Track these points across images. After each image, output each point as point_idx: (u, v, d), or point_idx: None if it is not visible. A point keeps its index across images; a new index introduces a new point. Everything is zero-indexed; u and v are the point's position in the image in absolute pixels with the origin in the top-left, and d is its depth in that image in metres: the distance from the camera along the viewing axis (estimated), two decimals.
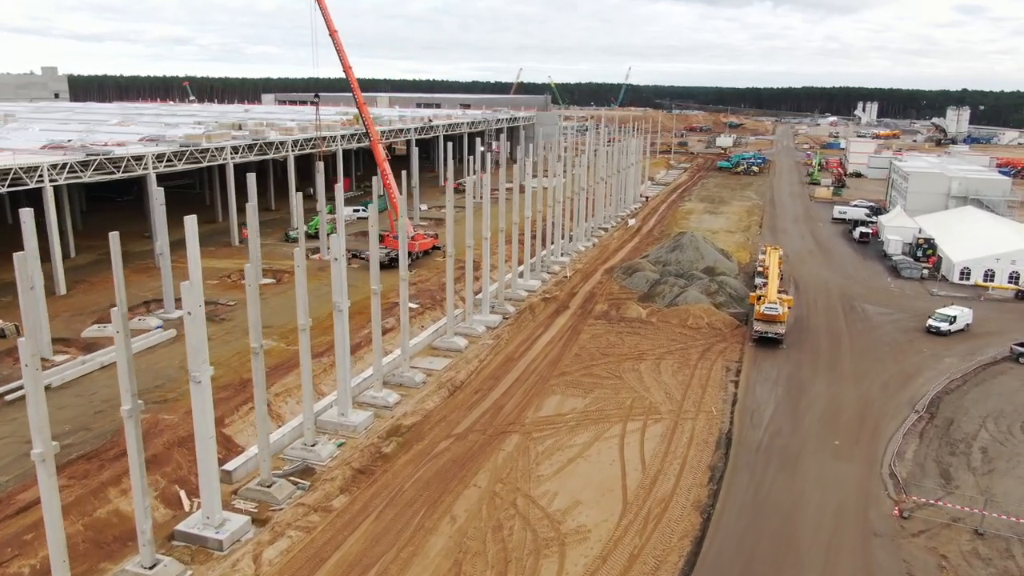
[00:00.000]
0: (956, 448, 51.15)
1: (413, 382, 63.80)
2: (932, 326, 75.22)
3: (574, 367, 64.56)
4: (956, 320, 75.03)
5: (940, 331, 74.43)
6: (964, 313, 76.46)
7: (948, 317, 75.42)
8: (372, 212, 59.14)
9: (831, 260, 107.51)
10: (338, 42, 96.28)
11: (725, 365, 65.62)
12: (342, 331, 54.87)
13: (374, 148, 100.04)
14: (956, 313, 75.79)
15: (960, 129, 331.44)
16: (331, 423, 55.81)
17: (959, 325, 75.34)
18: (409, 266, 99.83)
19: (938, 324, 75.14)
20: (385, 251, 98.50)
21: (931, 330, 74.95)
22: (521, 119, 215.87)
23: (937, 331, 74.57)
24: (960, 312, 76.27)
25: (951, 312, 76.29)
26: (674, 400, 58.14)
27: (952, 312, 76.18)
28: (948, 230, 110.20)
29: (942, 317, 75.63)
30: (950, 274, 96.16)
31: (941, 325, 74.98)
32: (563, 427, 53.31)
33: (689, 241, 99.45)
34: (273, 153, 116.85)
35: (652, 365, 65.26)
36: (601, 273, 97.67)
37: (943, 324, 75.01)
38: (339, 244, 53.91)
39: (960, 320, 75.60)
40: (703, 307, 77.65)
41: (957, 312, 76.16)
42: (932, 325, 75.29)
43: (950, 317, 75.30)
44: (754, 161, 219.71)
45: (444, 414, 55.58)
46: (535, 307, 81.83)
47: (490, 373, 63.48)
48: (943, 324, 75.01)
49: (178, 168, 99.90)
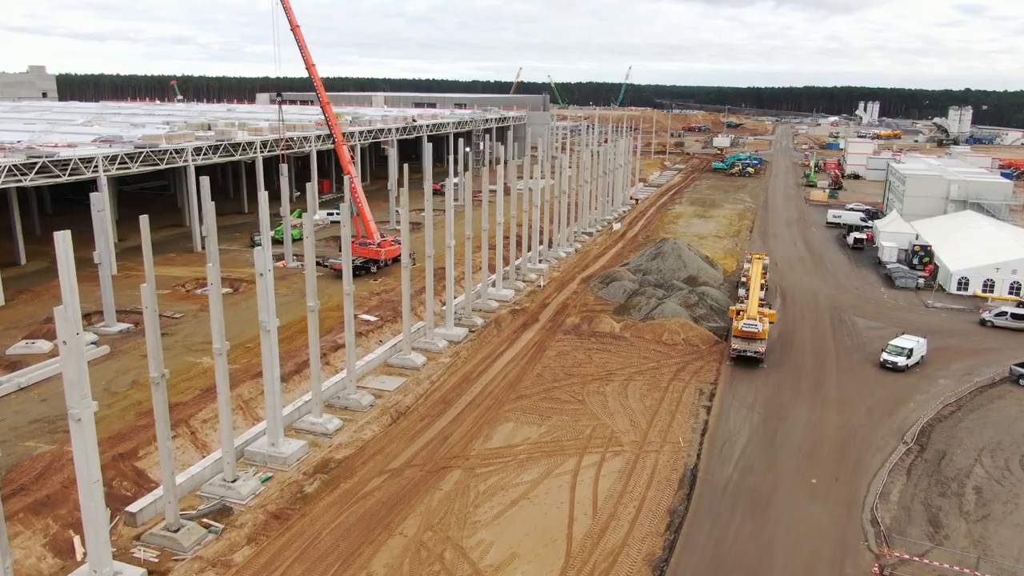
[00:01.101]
0: (947, 487, 45.83)
1: (359, 405, 58.69)
2: (887, 361, 65.04)
3: (534, 390, 59.32)
4: (912, 353, 65.11)
5: (897, 367, 64.42)
6: (920, 344, 66.52)
7: (903, 349, 65.23)
8: (307, 221, 53.91)
9: (822, 268, 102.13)
10: (300, 38, 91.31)
11: (699, 387, 60.32)
12: (270, 353, 49.78)
13: (338, 150, 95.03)
14: (912, 344, 65.78)
15: (962, 129, 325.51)
16: (260, 454, 50.72)
17: (915, 358, 65.62)
18: (376, 274, 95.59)
19: (893, 359, 64.96)
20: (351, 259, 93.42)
21: (886, 365, 64.87)
22: (511, 119, 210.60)
23: (893, 367, 64.50)
24: (916, 343, 66.35)
25: (906, 343, 65.98)
26: (638, 429, 52.88)
27: (907, 343, 65.93)
28: (946, 236, 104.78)
29: (897, 350, 65.46)
30: (947, 284, 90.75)
31: (898, 360, 64.74)
32: (511, 461, 48.08)
33: (671, 248, 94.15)
34: (240, 154, 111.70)
35: (619, 387, 60.00)
36: (578, 282, 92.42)
37: (899, 358, 64.78)
38: (265, 256, 48.73)
39: (916, 352, 65.72)
40: (680, 321, 72.36)
41: (913, 343, 66.17)
42: (887, 360, 65.09)
43: (906, 349, 65.15)
44: (750, 162, 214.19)
45: (382, 445, 50.39)
46: (501, 320, 76.60)
47: (441, 396, 58.25)
48: (899, 358, 64.78)
49: (132, 171, 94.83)
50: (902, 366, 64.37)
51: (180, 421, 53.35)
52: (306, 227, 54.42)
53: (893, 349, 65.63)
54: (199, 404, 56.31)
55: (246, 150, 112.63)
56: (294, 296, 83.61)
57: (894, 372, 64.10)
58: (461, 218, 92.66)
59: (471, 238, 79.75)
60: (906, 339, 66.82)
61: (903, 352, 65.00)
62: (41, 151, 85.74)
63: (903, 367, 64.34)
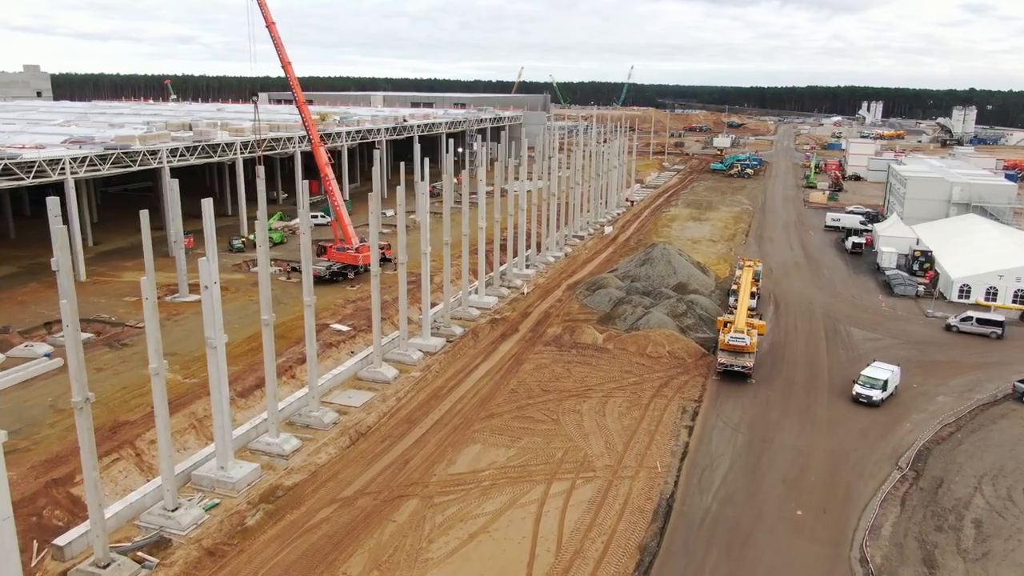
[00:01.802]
0: (944, 520, 42.26)
1: (321, 423, 55.33)
2: (860, 395, 57.62)
3: (505, 408, 55.84)
4: (887, 384, 58.08)
5: (871, 401, 57.11)
6: (894, 374, 59.52)
7: (878, 381, 57.65)
8: (260, 228, 50.49)
9: (818, 274, 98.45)
10: (276, 35, 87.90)
11: (681, 405, 56.78)
12: (217, 372, 46.41)
13: (315, 152, 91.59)
14: (886, 375, 58.52)
15: (966, 129, 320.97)
16: (207, 478, 47.41)
17: (891, 389, 58.79)
18: (354, 280, 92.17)
19: (867, 392, 57.40)
20: (326, 264, 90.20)
21: (859, 400, 57.54)
22: (507, 119, 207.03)
23: (868, 401, 57.19)
24: (891, 372, 59.29)
25: (880, 374, 58.60)
26: (614, 452, 49.38)
27: (881, 373, 58.62)
28: (948, 241, 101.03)
29: (871, 382, 57.90)
30: (948, 292, 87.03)
31: (872, 393, 57.23)
32: (474, 489, 44.63)
33: (660, 254, 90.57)
34: (219, 155, 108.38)
35: (597, 405, 56.50)
36: (564, 289, 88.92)
37: (874, 391, 57.27)
38: (211, 269, 45.31)
39: (891, 383, 58.80)
40: (665, 333, 68.81)
41: (887, 372, 59.02)
42: (860, 394, 57.66)
43: (880, 381, 57.65)
44: (749, 163, 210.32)
45: (337, 469, 46.97)
46: (479, 331, 73.14)
47: (407, 415, 54.80)
48: (874, 391, 57.27)
49: (103, 172, 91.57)
50: (877, 400, 57.09)
51: (125, 442, 50.09)
52: (259, 235, 51.08)
53: (866, 381, 58.34)
54: (148, 423, 52.81)
55: (225, 151, 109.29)
56: None
57: (869, 407, 56.99)
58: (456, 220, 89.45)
59: (449, 244, 76.25)
60: (879, 368, 59.84)
61: (877, 384, 57.71)
62: (3, 152, 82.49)
63: (878, 402, 57.12)
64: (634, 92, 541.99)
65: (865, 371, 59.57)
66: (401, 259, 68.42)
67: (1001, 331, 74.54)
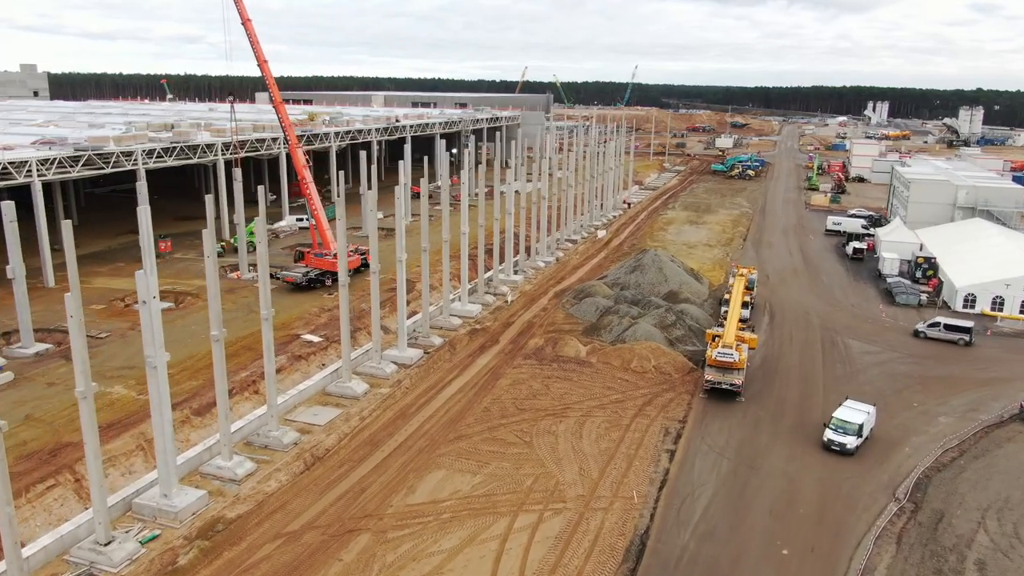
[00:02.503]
0: (944, 561, 38.55)
1: (280, 444, 51.93)
2: (832, 442, 49.39)
3: (476, 428, 52.28)
4: (862, 429, 49.96)
5: (844, 449, 48.88)
6: (870, 416, 51.45)
7: (852, 426, 49.50)
8: (207, 240, 47.04)
9: (817, 281, 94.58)
10: (252, 32, 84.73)
11: (664, 426, 53.14)
12: (157, 392, 43.07)
13: (292, 154, 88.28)
14: (861, 417, 50.28)
15: (973, 130, 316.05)
16: (149, 507, 44.03)
17: (866, 433, 50.77)
18: (332, 287, 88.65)
19: (841, 439, 49.20)
20: (304, 270, 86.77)
21: (831, 447, 49.36)
22: (504, 119, 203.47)
23: (840, 449, 48.97)
24: (866, 415, 51.01)
25: (854, 416, 50.38)
26: (588, 479, 45.81)
27: (855, 415, 50.47)
28: (952, 247, 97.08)
29: (844, 426, 49.64)
30: (952, 301, 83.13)
31: (846, 440, 48.99)
32: (432, 522, 41.10)
33: (651, 261, 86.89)
34: (198, 157, 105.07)
35: (574, 425, 52.91)
36: (550, 296, 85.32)
37: (848, 438, 49.05)
38: (148, 282, 41.91)
39: (867, 426, 50.85)
40: (651, 346, 65.15)
41: (862, 415, 50.70)
42: (832, 441, 49.46)
43: (854, 426, 49.47)
44: (750, 164, 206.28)
45: (287, 499, 43.50)
46: (457, 342, 69.61)
47: (369, 436, 51.29)
48: (848, 438, 49.05)
49: (73, 175, 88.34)
50: (851, 449, 48.80)
51: (64, 466, 46.67)
52: (206, 245, 47.56)
53: (839, 425, 50.11)
54: None
55: (205, 152, 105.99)
56: (240, 312, 76.96)
57: (841, 455, 49.08)
58: (436, 224, 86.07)
59: (427, 250, 72.70)
60: (852, 409, 51.56)
61: (851, 429, 49.49)
62: None
63: (852, 450, 48.83)
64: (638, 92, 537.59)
65: (838, 413, 51.25)
66: (374, 267, 64.98)
67: (969, 338, 71.56)
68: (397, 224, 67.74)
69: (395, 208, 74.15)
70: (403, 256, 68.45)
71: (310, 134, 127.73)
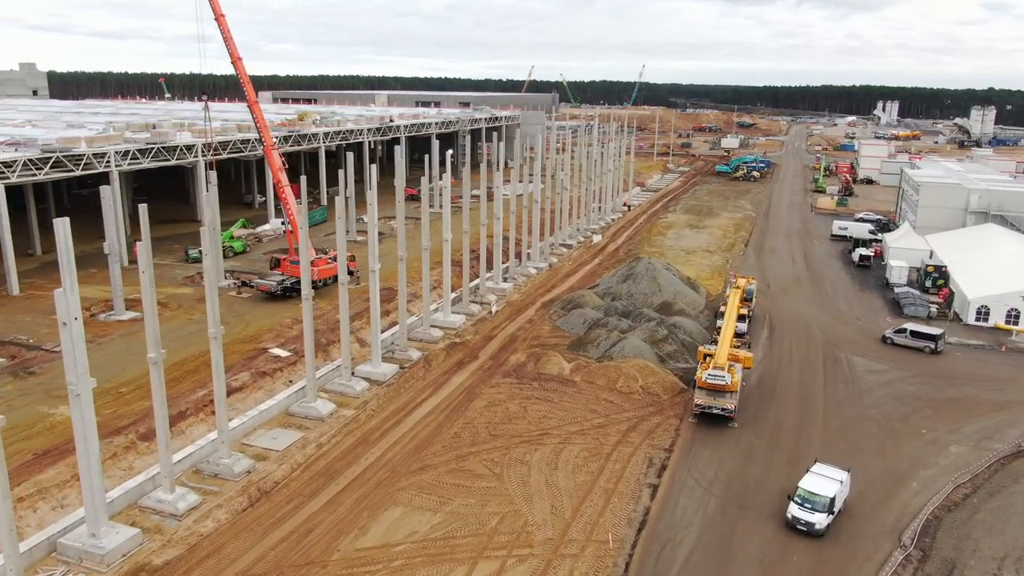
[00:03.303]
0: None
1: (231, 473, 47.85)
2: (797, 520, 40.49)
3: (443, 457, 47.96)
4: (834, 503, 40.58)
5: (812, 529, 40.05)
6: (843, 484, 42.09)
7: (821, 500, 40.27)
8: (143, 252, 42.87)
9: (821, 291, 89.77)
10: (225, 28, 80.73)
11: (649, 455, 48.68)
12: (81, 423, 38.94)
13: (267, 155, 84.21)
14: (832, 489, 40.87)
15: (984, 130, 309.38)
16: (75, 548, 39.95)
17: (839, 506, 41.53)
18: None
19: (808, 517, 40.20)
20: (279, 278, 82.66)
21: (797, 526, 40.51)
22: (504, 119, 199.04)
23: (807, 528, 40.15)
24: (839, 484, 41.58)
25: (824, 488, 40.87)
26: (560, 518, 41.43)
27: (825, 487, 40.95)
28: (964, 255, 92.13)
29: (812, 500, 40.45)
30: (964, 313, 78.26)
31: (814, 519, 40.01)
32: (382, 570, 36.81)
33: (645, 269, 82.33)
34: (176, 158, 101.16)
35: (550, 454, 48.53)
36: (538, 307, 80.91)
37: (817, 516, 40.08)
38: (69, 302, 37.77)
39: (840, 497, 41.53)
40: (639, 364, 60.66)
41: (834, 485, 41.26)
42: (797, 518, 40.53)
43: (824, 500, 40.26)
44: (755, 165, 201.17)
45: (222, 542, 39.27)
46: (433, 358, 65.30)
47: (325, 466, 47.03)
48: (817, 516, 40.08)
49: (40, 177, 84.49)
50: (820, 529, 39.81)
51: None
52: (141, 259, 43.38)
53: (806, 498, 40.71)
54: (26, 472, 45.67)
55: (184, 153, 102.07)
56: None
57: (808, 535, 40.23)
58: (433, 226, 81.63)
59: (404, 259, 68.44)
60: (822, 477, 42.15)
61: (819, 503, 40.22)
62: None
63: (821, 531, 39.85)
64: (646, 91, 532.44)
65: (805, 483, 41.63)
66: (341, 279, 60.83)
67: (935, 345, 68.22)
68: (369, 231, 63.56)
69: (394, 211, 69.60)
70: (376, 266, 64.27)
71: (297, 134, 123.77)
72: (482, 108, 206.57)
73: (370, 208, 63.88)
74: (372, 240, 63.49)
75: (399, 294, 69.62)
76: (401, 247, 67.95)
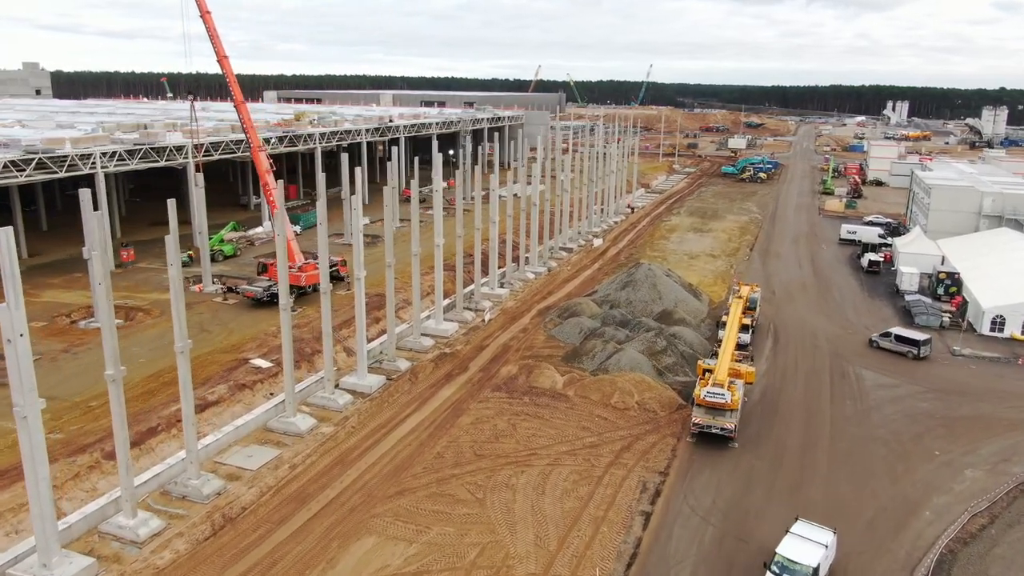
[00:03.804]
0: None
1: (200, 495, 45.19)
2: None
3: (423, 480, 45.10)
4: (818, 570, 34.69)
5: None
6: (829, 547, 36.15)
7: (804, 570, 34.53)
8: (98, 263, 40.24)
9: (828, 298, 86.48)
10: (210, 25, 78.19)
11: (643, 479, 45.70)
12: (29, 446, 36.30)
13: (254, 157, 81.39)
14: (816, 556, 35.09)
15: (996, 130, 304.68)
16: None
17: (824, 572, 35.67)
18: (295, 304, 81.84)
19: None
20: (266, 284, 79.88)
21: None
22: (506, 119, 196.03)
23: None
24: (824, 547, 35.85)
25: (807, 555, 35.05)
26: (544, 550, 38.51)
27: (809, 555, 35.12)
28: (978, 261, 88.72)
29: (792, 570, 34.75)
30: (978, 323, 74.92)
31: None
32: None
33: (644, 276, 79.27)
34: (165, 159, 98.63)
35: (538, 477, 45.60)
36: (533, 314, 77.96)
37: None
38: (13, 318, 35.04)
39: (824, 564, 35.61)
40: (635, 379, 57.66)
41: (819, 550, 35.50)
42: None
43: (806, 569, 34.52)
44: (762, 166, 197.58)
45: (181, 575, 36.49)
46: (420, 370, 62.46)
47: (297, 490, 44.20)
48: None
49: (21, 179, 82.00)
50: None
51: None
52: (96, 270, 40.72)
53: (785, 566, 34.96)
54: None
55: (174, 154, 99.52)
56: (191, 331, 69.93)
57: None
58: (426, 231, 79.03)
59: (391, 266, 65.61)
60: (804, 539, 36.22)
61: (801, 573, 34.56)
62: None
63: None
64: (654, 91, 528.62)
65: (783, 548, 35.77)
66: (323, 288, 58.05)
67: (918, 351, 66.58)
68: (353, 236, 60.69)
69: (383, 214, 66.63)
70: (362, 273, 61.50)
71: (293, 135, 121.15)
72: (485, 108, 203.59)
73: (355, 213, 61.03)
74: (357, 246, 60.71)
75: (387, 301, 66.81)
76: (389, 253, 65.15)
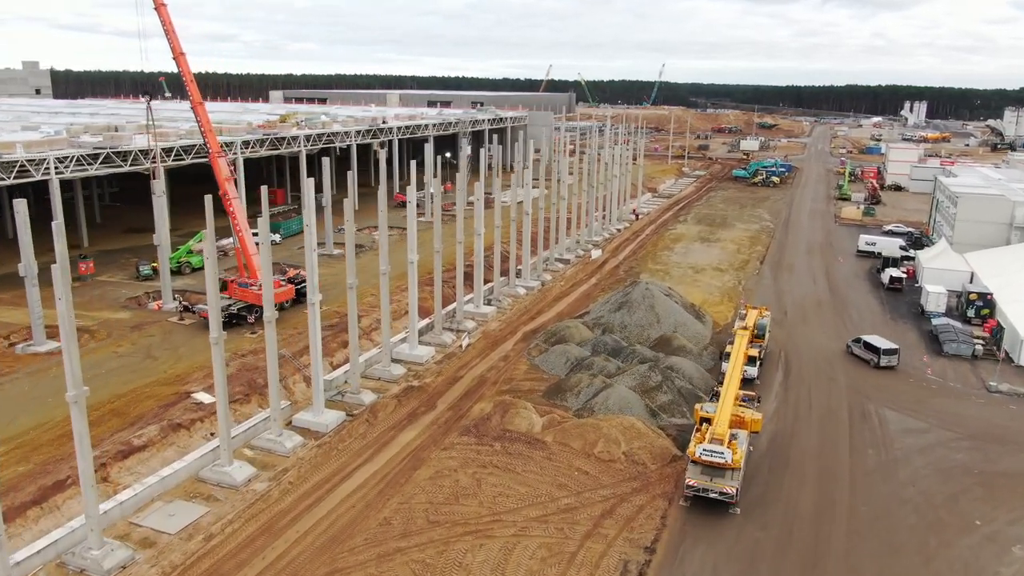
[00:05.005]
0: None
1: (100, 570, 38.27)
2: None
3: (362, 556, 37.72)
4: None
5: None
6: None
7: None
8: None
9: (845, 319, 78.39)
10: (166, 18, 71.45)
11: (624, 557, 38.12)
12: None
13: (213, 163, 74.25)
14: None
15: (1019, 132, 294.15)
16: None
17: None
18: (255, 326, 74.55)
19: None
20: (226, 302, 72.65)
21: None
22: (509, 119, 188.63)
23: None
24: None
25: None
26: None
27: None
28: (1011, 279, 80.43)
29: None
30: (1016, 352, 66.76)
31: None
32: None
33: (642, 296, 71.57)
34: (131, 164, 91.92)
35: (500, 552, 38.16)
36: (518, 338, 70.53)
37: None
38: None
39: None
40: (624, 423, 50.03)
41: None
42: None
43: None
44: (775, 170, 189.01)
45: None
46: (380, 408, 55.13)
47: (206, 570, 36.91)
48: None
49: None
50: None
51: None
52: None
53: None
54: None
55: (141, 158, 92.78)
56: (135, 357, 63.61)
57: None
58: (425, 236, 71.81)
59: (354, 286, 58.34)
60: None
61: None
62: None
63: None
64: (666, 91, 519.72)
65: None
66: (267, 315, 50.99)
67: (878, 359, 63.13)
68: (307, 255, 53.48)
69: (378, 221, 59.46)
70: (316, 298, 54.46)
71: (274, 137, 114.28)
72: (487, 108, 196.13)
73: (307, 229, 53.76)
74: (311, 266, 53.57)
75: (349, 326, 59.63)
76: (350, 275, 57.89)
